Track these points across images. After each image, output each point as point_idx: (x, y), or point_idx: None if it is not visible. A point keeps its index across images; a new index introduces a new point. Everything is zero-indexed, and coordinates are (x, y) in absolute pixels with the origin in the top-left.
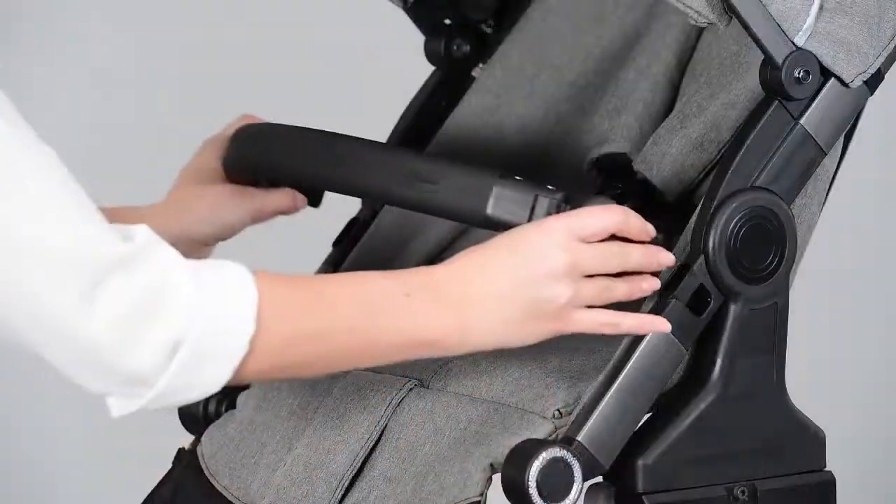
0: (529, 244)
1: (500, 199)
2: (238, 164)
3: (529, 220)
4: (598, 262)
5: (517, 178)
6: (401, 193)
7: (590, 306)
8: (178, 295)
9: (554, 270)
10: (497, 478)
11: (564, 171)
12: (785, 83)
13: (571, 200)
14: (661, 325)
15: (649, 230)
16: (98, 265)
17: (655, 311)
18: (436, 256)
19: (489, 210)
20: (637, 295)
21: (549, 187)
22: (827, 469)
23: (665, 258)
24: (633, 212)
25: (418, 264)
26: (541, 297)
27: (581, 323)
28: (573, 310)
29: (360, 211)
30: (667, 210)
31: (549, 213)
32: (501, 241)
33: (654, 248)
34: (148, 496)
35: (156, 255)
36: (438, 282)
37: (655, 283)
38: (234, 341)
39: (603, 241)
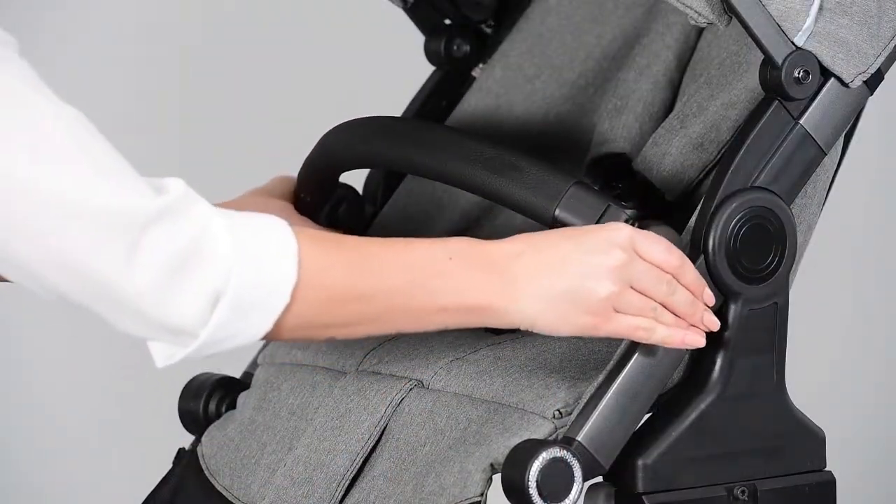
0: (592, 236)
1: (572, 200)
2: (323, 156)
3: None
4: (648, 278)
5: (596, 188)
6: (480, 179)
7: None
8: (216, 245)
9: (607, 264)
10: (497, 478)
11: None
12: (785, 83)
13: (639, 220)
14: (697, 340)
15: (707, 292)
16: (138, 220)
17: None
18: None
19: (559, 208)
20: (678, 337)
21: (623, 203)
22: (827, 469)
23: (710, 320)
24: (690, 263)
25: None
26: (587, 286)
27: (618, 324)
28: (612, 310)
29: None
30: (667, 210)
31: None
32: (562, 230)
33: (702, 305)
34: (148, 496)
35: (192, 206)
36: (485, 250)
37: (699, 340)
38: (275, 290)
39: None
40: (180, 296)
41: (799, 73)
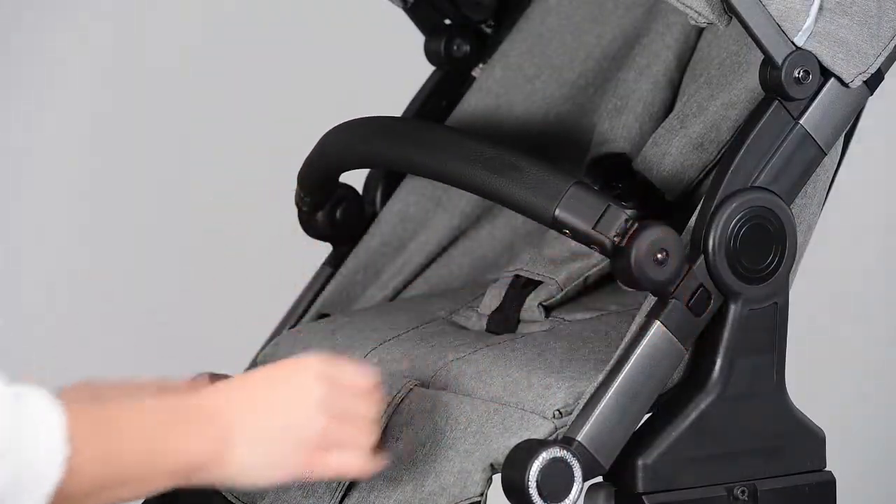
0: (291, 374)
1: (572, 200)
2: (323, 156)
3: (595, 227)
4: (352, 402)
5: (595, 188)
6: (480, 179)
7: None
8: None
9: (314, 398)
10: (497, 478)
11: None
12: (785, 83)
13: (639, 220)
14: (362, 471)
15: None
16: None
17: (655, 312)
18: (435, 257)
19: (559, 208)
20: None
21: (624, 203)
22: (827, 469)
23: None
24: (378, 380)
25: (419, 265)
26: (296, 425)
27: (331, 462)
28: (325, 448)
29: None
30: (667, 210)
31: (617, 226)
32: (262, 371)
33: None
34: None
35: None
36: (198, 405)
37: (361, 465)
38: (45, 466)
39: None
40: None
41: (799, 73)
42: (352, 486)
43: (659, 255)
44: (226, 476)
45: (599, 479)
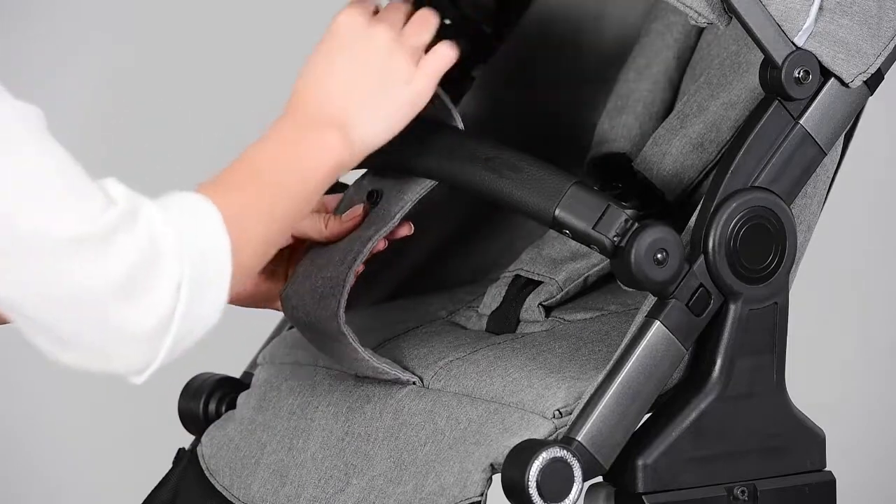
0: (332, 25)
1: (572, 200)
2: None
3: (594, 227)
4: (391, 16)
5: (595, 188)
6: (480, 179)
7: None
8: (164, 242)
9: (356, 19)
10: (497, 478)
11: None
12: (785, 83)
13: (639, 220)
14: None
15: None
16: (99, 238)
17: (655, 312)
18: (436, 257)
19: (558, 208)
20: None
21: (624, 203)
22: (827, 469)
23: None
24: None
25: (419, 265)
26: (367, 46)
27: (428, 65)
28: (411, 48)
29: None
30: (667, 210)
31: (617, 226)
32: (317, 50)
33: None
34: (147, 497)
35: (138, 212)
36: (305, 113)
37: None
38: (220, 257)
39: None
40: (149, 299)
41: (799, 73)
42: (351, 486)
43: (659, 255)
44: (367, 146)
45: (599, 479)
